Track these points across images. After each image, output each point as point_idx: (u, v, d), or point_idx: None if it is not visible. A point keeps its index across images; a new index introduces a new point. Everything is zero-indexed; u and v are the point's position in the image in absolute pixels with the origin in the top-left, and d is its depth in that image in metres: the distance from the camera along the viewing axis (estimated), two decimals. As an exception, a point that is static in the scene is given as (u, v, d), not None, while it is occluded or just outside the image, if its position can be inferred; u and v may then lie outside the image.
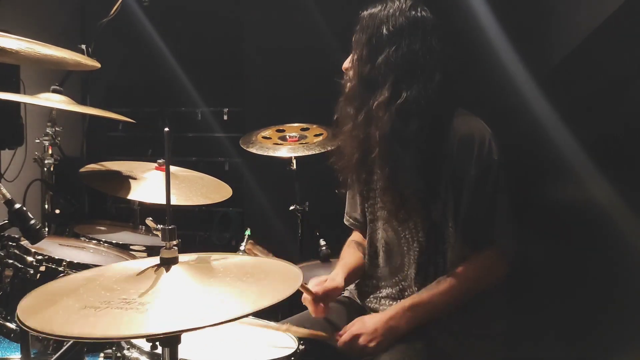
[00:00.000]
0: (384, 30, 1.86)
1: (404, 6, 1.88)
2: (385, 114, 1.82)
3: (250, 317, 1.79)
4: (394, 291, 1.95)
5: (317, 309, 1.92)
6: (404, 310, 1.82)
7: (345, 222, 2.19)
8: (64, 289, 1.33)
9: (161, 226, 1.34)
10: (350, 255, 2.10)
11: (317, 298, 1.91)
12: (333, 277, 1.98)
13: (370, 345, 1.77)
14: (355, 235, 2.17)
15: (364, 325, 1.81)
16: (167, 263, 1.33)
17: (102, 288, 1.29)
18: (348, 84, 1.95)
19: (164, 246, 1.34)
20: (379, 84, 1.85)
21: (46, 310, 1.20)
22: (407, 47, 1.84)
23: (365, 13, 1.92)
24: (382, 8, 1.89)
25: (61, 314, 1.18)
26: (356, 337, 1.79)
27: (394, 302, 1.92)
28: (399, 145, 1.82)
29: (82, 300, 1.22)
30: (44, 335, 1.14)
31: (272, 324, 1.83)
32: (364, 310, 2.01)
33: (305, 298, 1.93)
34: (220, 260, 1.43)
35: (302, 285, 1.89)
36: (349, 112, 1.95)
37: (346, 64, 1.97)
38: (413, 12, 1.87)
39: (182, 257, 1.37)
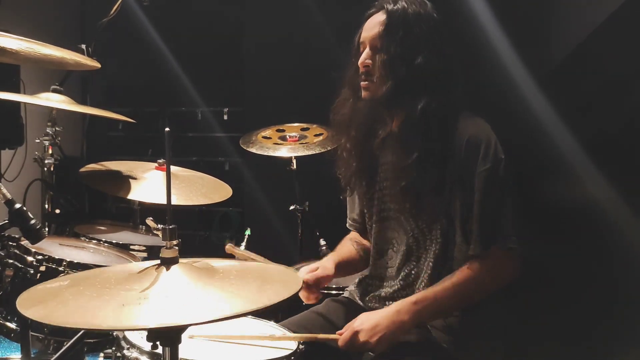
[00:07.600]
0: (419, 30, 1.82)
1: (427, 7, 1.86)
2: (426, 117, 1.79)
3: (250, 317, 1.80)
4: (398, 291, 1.93)
5: (309, 295, 1.95)
6: (410, 304, 1.77)
7: (347, 227, 2.19)
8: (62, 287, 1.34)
9: (162, 226, 1.34)
10: (343, 247, 2.12)
11: (308, 285, 1.94)
12: (324, 264, 2.01)
13: (372, 341, 1.72)
14: (352, 235, 2.17)
15: (365, 321, 1.76)
16: (168, 263, 1.33)
17: (104, 287, 1.29)
18: (380, 86, 1.85)
19: (164, 246, 1.34)
20: (418, 87, 1.81)
21: (48, 304, 1.22)
22: (441, 49, 1.83)
23: (392, 7, 1.84)
24: (408, 5, 1.84)
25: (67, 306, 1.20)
26: (356, 333, 1.74)
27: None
28: (426, 146, 1.81)
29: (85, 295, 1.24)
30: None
31: (275, 334, 1.79)
32: (364, 310, 2.00)
33: None
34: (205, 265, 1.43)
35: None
36: (374, 115, 1.91)
37: (366, 60, 1.86)
38: (435, 14, 1.86)
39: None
